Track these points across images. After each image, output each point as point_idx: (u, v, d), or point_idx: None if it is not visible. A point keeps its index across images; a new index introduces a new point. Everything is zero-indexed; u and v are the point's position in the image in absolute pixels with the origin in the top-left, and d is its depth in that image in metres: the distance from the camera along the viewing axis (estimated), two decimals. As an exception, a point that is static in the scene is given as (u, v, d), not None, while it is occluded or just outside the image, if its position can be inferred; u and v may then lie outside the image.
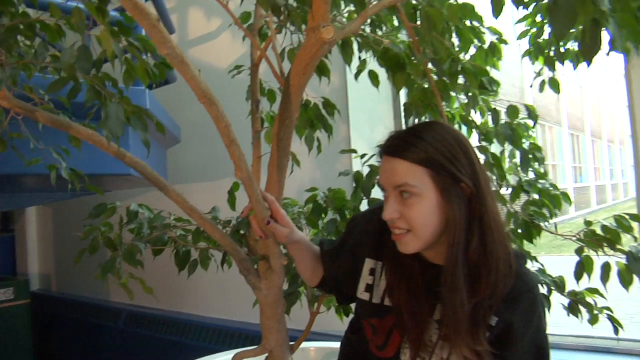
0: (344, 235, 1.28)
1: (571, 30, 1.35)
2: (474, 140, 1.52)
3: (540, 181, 1.70)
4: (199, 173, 3.42)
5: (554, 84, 1.87)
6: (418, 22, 1.39)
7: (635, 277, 1.36)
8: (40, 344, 4.66)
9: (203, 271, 1.73)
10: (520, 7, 1.26)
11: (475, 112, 1.64)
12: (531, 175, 1.77)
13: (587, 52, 0.99)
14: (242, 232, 1.59)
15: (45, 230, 5.22)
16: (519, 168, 1.73)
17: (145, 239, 1.59)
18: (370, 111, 2.62)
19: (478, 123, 1.76)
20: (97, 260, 1.69)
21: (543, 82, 1.83)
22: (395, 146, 1.03)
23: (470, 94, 1.56)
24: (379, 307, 1.12)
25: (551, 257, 7.70)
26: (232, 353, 1.65)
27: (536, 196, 1.74)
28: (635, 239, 1.40)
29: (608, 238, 1.35)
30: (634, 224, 1.37)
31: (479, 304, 0.96)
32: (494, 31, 1.69)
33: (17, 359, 4.32)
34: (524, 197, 1.78)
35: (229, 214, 1.72)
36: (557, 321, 1.93)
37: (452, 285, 0.97)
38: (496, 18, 1.16)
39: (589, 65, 1.01)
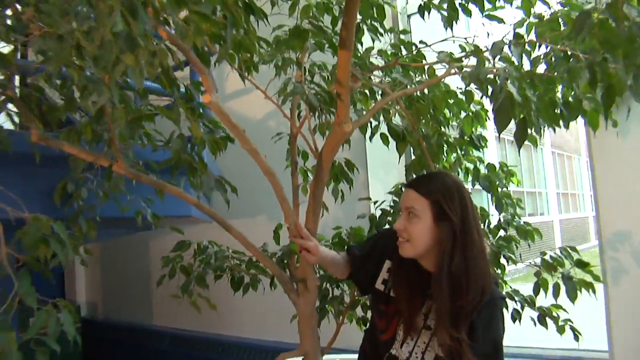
0: (370, 247, 1.76)
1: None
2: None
3: (516, 219, 2.21)
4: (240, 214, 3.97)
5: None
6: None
7: (579, 292, 1.87)
8: (90, 364, 5.21)
9: (239, 297, 2.24)
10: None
11: (461, 170, 2.18)
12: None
13: (519, 140, 1.52)
14: (285, 261, 2.13)
15: (92, 261, 5.80)
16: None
17: (211, 267, 2.13)
18: (383, 160, 3.16)
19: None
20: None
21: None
22: (413, 182, 1.57)
23: (454, 155, 2.10)
24: (388, 296, 1.62)
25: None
26: None
27: (514, 231, 2.26)
28: (572, 264, 1.89)
29: (555, 265, 1.86)
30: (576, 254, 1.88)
31: (461, 306, 1.45)
32: (477, 102, 2.22)
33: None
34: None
35: (273, 247, 2.26)
36: (527, 335, 2.43)
37: (438, 288, 1.47)
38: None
39: (519, 147, 1.53)
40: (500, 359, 1.50)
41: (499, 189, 2.16)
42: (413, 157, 2.24)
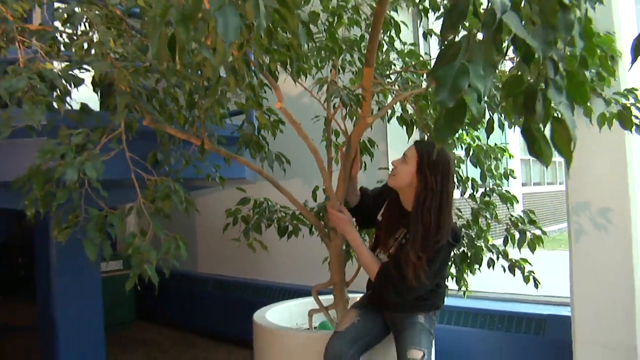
0: (380, 190, 2.58)
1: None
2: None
3: (498, 188, 2.91)
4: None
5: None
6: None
7: (537, 245, 2.58)
8: (142, 305, 6.06)
9: (275, 246, 2.98)
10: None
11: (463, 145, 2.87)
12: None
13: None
14: (320, 214, 2.86)
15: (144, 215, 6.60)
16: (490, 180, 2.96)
17: (264, 218, 2.88)
18: (400, 137, 3.84)
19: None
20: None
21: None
22: (417, 141, 2.31)
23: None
24: (380, 222, 2.38)
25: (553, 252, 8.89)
26: (305, 298, 2.92)
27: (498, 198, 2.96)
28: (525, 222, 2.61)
29: (517, 222, 2.57)
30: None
31: (427, 238, 2.15)
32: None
33: (124, 316, 5.74)
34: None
35: (311, 204, 2.99)
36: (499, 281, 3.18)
37: (413, 222, 2.18)
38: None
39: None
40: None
41: (485, 164, 2.85)
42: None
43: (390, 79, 2.76)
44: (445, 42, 1.00)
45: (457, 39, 1.03)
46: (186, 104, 2.42)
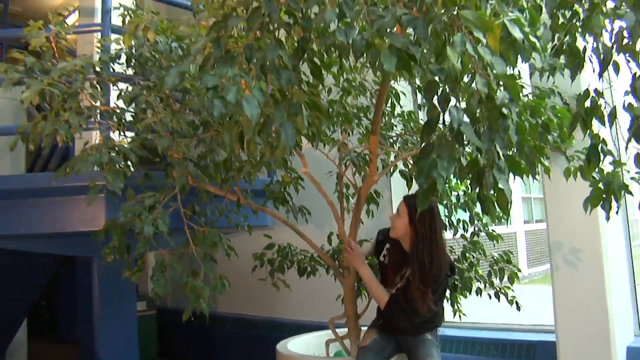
0: (379, 239, 3.06)
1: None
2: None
3: (485, 228, 3.46)
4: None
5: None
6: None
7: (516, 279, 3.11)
8: (164, 343, 6.53)
9: (294, 285, 3.50)
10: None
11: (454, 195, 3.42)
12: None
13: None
14: (335, 256, 3.39)
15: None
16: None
17: (287, 260, 3.41)
18: (402, 186, 4.41)
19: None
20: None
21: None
22: (405, 196, 2.84)
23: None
24: (384, 264, 2.90)
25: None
26: (321, 332, 3.44)
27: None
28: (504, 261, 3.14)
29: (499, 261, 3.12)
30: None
31: (426, 274, 2.68)
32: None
33: (148, 353, 6.20)
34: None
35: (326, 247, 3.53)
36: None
37: (412, 262, 2.71)
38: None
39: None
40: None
41: (473, 209, 3.40)
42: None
43: (392, 139, 3.34)
44: (424, 141, 1.56)
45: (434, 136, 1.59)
46: (223, 166, 2.98)
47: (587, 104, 2.07)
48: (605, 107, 2.04)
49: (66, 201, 3.29)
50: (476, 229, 3.47)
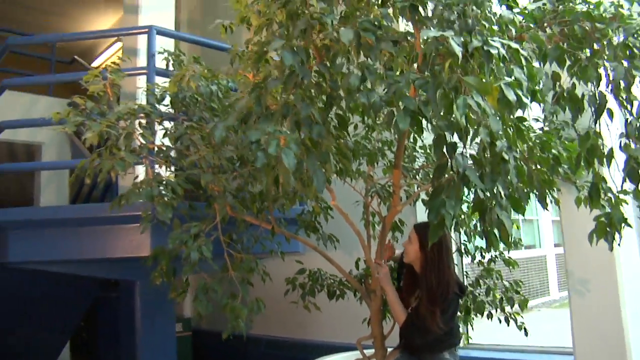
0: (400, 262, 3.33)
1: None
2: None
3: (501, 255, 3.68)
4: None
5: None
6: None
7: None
8: (199, 364, 6.84)
9: (324, 308, 3.76)
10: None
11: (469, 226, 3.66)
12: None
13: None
14: (362, 280, 3.65)
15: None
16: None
17: (318, 284, 3.68)
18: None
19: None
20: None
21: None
22: (416, 225, 3.13)
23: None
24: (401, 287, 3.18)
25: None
26: (349, 352, 3.69)
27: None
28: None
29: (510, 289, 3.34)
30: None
31: (435, 295, 2.92)
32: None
33: (183, 374, 6.50)
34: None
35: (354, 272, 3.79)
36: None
37: (421, 284, 2.98)
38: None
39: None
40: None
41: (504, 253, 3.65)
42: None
43: (415, 171, 3.60)
44: (435, 184, 1.83)
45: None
46: (258, 197, 3.27)
47: (589, 144, 2.31)
48: (603, 148, 2.28)
49: (116, 229, 3.63)
50: (493, 255, 3.69)
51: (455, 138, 1.86)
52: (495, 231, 1.86)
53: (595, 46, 2.19)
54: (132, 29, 4.57)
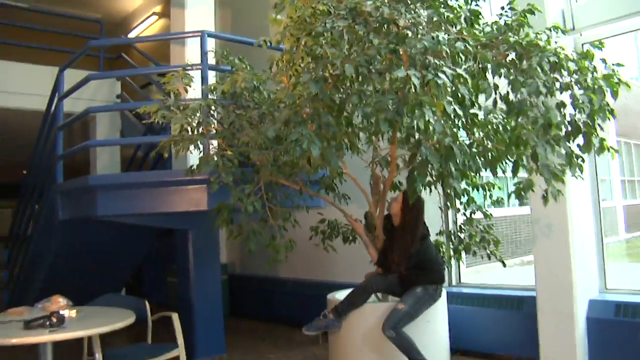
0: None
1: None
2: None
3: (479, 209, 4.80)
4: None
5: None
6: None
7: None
8: (234, 303, 8.12)
9: (339, 249, 4.95)
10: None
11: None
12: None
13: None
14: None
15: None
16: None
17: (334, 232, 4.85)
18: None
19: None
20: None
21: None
22: (404, 191, 4.27)
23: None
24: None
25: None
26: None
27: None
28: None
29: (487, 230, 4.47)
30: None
31: (407, 244, 4.11)
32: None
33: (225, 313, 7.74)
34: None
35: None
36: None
37: (398, 237, 4.15)
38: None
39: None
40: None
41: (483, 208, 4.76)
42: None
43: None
44: (409, 166, 2.96)
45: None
46: (290, 165, 4.40)
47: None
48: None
49: (180, 190, 4.81)
50: (473, 209, 4.76)
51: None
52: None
53: (525, 65, 3.26)
54: (185, 33, 5.77)
